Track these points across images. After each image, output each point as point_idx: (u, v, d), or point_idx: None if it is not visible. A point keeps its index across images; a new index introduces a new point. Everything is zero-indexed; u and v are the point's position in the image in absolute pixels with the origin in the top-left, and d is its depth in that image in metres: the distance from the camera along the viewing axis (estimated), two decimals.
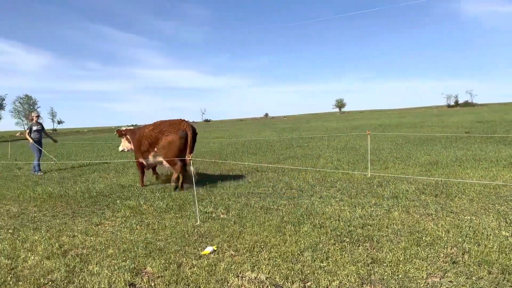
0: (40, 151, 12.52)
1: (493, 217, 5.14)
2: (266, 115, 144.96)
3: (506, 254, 3.93)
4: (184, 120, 8.29)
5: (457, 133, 19.20)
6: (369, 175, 8.49)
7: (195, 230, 5.25)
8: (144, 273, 3.96)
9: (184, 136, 8.01)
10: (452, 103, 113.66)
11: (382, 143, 15.80)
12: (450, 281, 3.47)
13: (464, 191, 6.62)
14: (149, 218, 6.02)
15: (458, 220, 5.11)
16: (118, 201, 7.25)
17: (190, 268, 3.99)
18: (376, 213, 5.56)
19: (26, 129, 12.97)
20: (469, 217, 5.20)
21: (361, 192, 6.94)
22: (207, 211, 6.18)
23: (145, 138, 8.42)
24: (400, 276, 3.60)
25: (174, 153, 8.02)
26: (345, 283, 3.51)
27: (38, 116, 12.98)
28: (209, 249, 4.46)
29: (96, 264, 4.24)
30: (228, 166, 11.26)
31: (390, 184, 7.45)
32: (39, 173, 12.03)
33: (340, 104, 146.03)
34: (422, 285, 3.42)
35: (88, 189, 8.65)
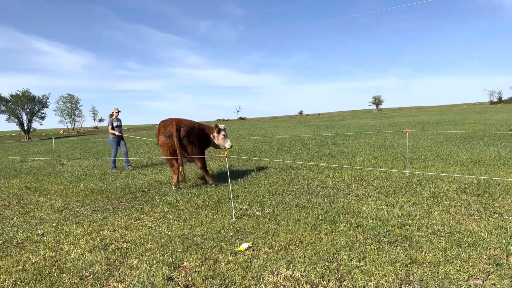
0: (117, 149, 12.33)
1: None
2: (301, 112, 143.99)
3: None
4: (176, 119, 8.28)
5: (501, 130, 18.39)
6: (407, 174, 8.29)
7: (231, 227, 5.30)
8: (181, 268, 4.04)
9: (170, 136, 8.03)
10: (495, 100, 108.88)
11: (421, 141, 15.37)
12: (493, 284, 3.34)
13: (508, 191, 6.35)
14: (186, 214, 6.14)
15: (502, 221, 4.91)
16: (156, 197, 7.43)
17: (226, 264, 4.04)
18: (415, 213, 5.43)
19: (107, 124, 12.71)
20: None
21: (400, 191, 6.79)
22: (242, 208, 6.23)
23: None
24: (440, 277, 3.50)
25: (165, 153, 8.23)
26: (382, 283, 3.45)
27: (118, 112, 12.63)
28: (244, 245, 4.50)
29: (136, 258, 4.36)
30: (263, 164, 11.28)
31: (430, 183, 7.24)
32: (113, 170, 11.89)
33: (377, 101, 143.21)
34: (463, 287, 3.31)
35: (128, 185, 8.91)
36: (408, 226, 4.87)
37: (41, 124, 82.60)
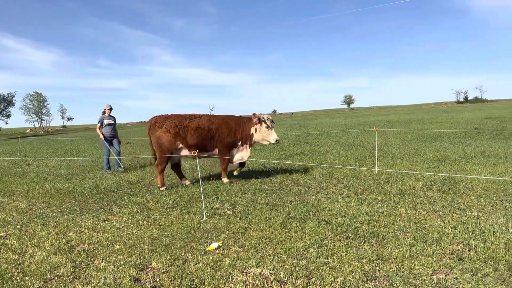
0: (108, 147, 11.37)
1: (500, 214, 5.10)
2: (274, 111, 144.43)
3: None
4: (164, 115, 8.31)
5: (466, 129, 19.01)
6: (376, 172, 8.45)
7: (201, 226, 5.27)
8: (149, 269, 3.98)
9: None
10: (462, 99, 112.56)
11: (390, 140, 15.71)
12: (456, 278, 3.44)
13: (471, 188, 6.57)
14: (155, 214, 6.06)
15: (465, 216, 5.07)
16: (125, 197, 7.30)
17: (195, 264, 4.01)
18: (382, 210, 5.54)
19: (97, 122, 11.70)
20: (476, 214, 5.16)
21: (368, 189, 6.91)
22: (214, 207, 6.20)
23: None
24: (405, 272, 3.59)
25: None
26: (349, 279, 3.50)
27: (111, 109, 11.69)
28: (214, 245, 4.48)
29: (102, 259, 4.27)
30: None
31: (397, 181, 7.41)
32: (107, 171, 11.11)
33: (348, 101, 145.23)
34: (427, 281, 3.40)
35: (96, 185, 8.71)
36: (375, 223, 4.97)
37: (6, 123, 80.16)
